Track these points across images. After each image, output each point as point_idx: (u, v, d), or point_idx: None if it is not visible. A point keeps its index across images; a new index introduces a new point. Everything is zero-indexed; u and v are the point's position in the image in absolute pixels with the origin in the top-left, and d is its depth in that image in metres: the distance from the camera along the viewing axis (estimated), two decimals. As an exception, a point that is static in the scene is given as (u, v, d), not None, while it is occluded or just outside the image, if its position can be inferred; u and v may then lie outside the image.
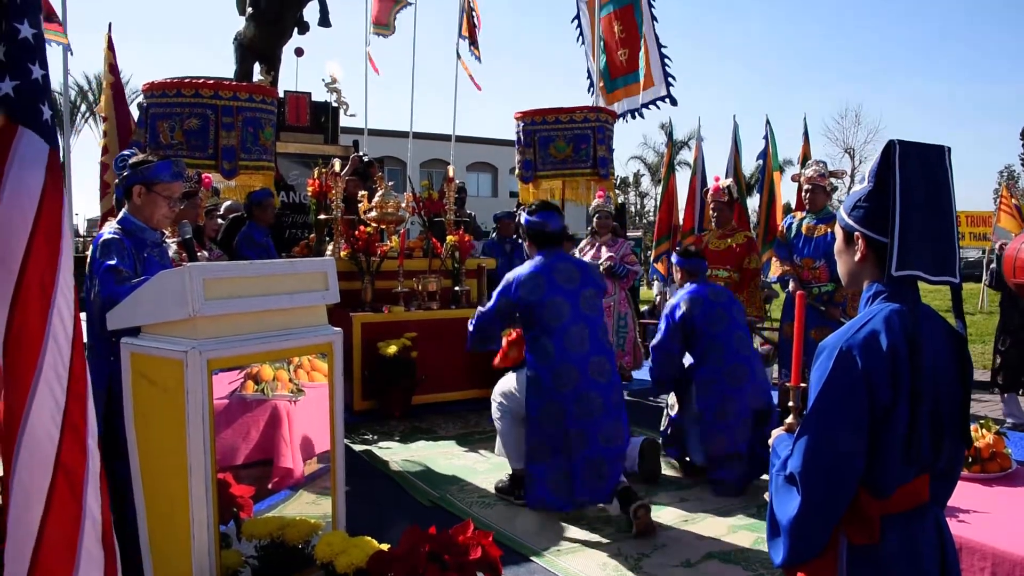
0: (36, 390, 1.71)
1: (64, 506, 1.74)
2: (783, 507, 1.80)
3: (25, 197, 1.71)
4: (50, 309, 1.73)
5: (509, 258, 8.54)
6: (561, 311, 4.16)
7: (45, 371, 1.72)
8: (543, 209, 4.44)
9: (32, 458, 1.70)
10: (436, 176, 8.51)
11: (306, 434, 3.23)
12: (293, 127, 9.39)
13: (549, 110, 8.03)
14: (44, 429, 1.72)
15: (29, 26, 1.75)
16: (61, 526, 1.73)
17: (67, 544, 1.74)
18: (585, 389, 4.09)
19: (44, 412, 1.72)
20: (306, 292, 3.06)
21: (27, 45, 1.74)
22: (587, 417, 4.07)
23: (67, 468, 1.75)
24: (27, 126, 1.74)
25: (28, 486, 1.70)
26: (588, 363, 4.13)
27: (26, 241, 1.70)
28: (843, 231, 1.88)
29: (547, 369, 4.12)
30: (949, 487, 1.89)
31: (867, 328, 1.73)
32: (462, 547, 2.70)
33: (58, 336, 1.75)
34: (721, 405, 4.66)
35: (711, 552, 3.80)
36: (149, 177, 3.38)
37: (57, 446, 1.73)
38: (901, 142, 1.76)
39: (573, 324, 4.16)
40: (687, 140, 32.75)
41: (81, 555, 1.76)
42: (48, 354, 1.73)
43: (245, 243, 6.49)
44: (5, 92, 1.72)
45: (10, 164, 1.71)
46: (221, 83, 6.75)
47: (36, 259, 1.71)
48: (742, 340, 4.82)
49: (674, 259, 5.19)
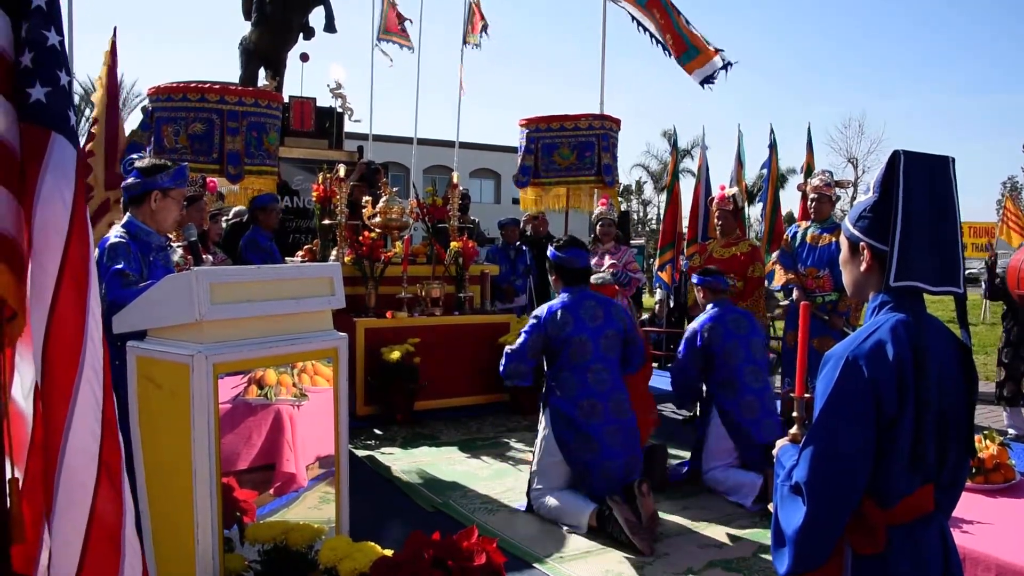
0: (79, 388, 1.75)
1: (109, 498, 1.79)
2: (788, 517, 1.80)
3: (59, 200, 1.75)
4: (86, 308, 1.78)
5: (513, 264, 8.55)
6: (585, 349, 4.28)
7: (85, 370, 1.76)
8: (571, 246, 4.50)
9: (78, 456, 1.75)
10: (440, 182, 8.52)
11: (309, 439, 3.23)
12: (298, 132, 9.42)
13: (554, 117, 8.04)
14: (88, 427, 1.76)
15: (56, 33, 1.78)
16: (106, 517, 1.79)
17: (113, 534, 1.80)
18: (610, 423, 4.21)
19: (87, 409, 1.76)
20: (312, 297, 3.07)
21: (55, 52, 1.77)
22: (614, 447, 4.18)
23: (108, 463, 1.80)
24: (59, 132, 1.77)
25: (75, 483, 1.74)
26: (609, 400, 4.25)
27: (64, 242, 1.74)
28: (848, 241, 1.89)
29: (572, 403, 4.23)
30: (954, 497, 1.89)
31: (873, 338, 1.73)
32: (466, 553, 2.70)
33: (94, 335, 1.79)
34: (736, 436, 4.75)
35: (714, 560, 3.79)
36: (169, 183, 3.41)
37: (99, 442, 1.78)
38: (906, 152, 1.77)
39: (595, 362, 4.28)
40: (691, 148, 32.78)
41: (125, 545, 1.83)
42: (88, 352, 1.77)
43: (249, 247, 6.50)
44: (36, 98, 1.75)
45: (45, 168, 1.74)
46: (227, 88, 6.77)
47: (73, 259, 1.75)
48: (755, 373, 4.87)
49: (695, 279, 5.26)
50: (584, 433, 4.17)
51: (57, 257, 1.73)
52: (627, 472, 4.19)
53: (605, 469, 4.13)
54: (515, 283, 8.62)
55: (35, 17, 1.75)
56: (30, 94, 1.74)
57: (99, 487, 1.77)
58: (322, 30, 10.27)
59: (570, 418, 4.21)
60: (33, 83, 1.75)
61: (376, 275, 6.57)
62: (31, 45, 1.75)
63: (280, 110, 7.17)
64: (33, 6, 1.75)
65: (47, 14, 1.76)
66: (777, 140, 9.36)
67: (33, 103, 1.74)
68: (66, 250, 1.74)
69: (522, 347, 4.40)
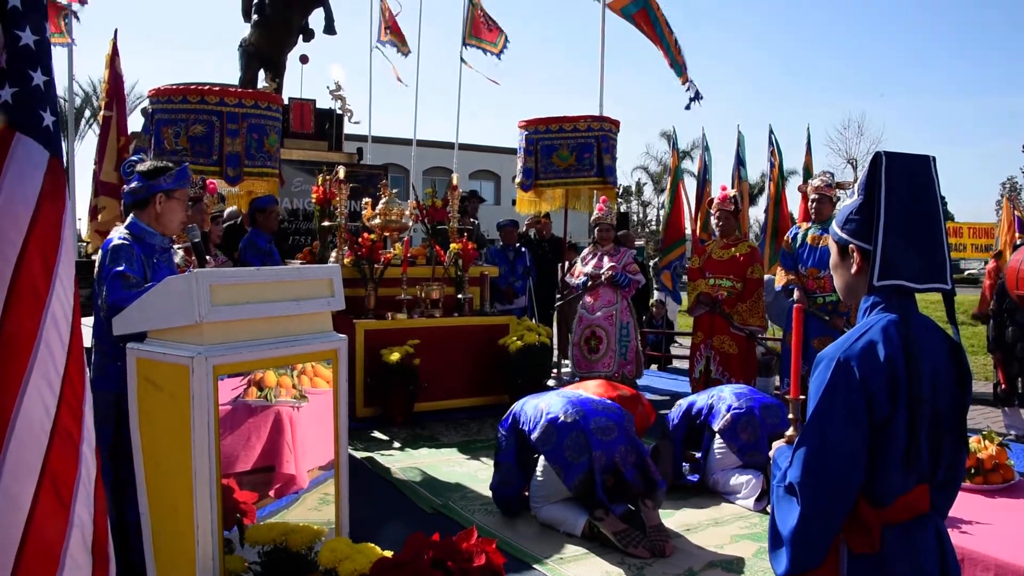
0: (24, 396, 1.70)
1: (49, 512, 1.73)
2: (784, 518, 1.81)
3: (20, 204, 1.71)
4: (42, 316, 1.73)
5: (512, 266, 8.56)
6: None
7: (34, 377, 1.71)
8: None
9: (17, 463, 1.69)
10: (440, 184, 8.52)
11: (309, 440, 3.24)
12: (297, 134, 9.43)
13: (553, 119, 8.05)
14: (31, 434, 1.71)
15: (31, 32, 1.75)
16: (45, 532, 1.73)
17: (50, 550, 1.73)
18: (597, 449, 4.02)
19: (32, 418, 1.71)
20: (312, 299, 3.07)
21: (27, 52, 1.74)
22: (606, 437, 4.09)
23: (55, 474, 1.74)
24: (26, 133, 1.74)
25: (13, 491, 1.69)
26: (591, 425, 4.07)
27: (19, 248, 1.70)
28: (837, 245, 1.90)
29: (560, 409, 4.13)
30: (950, 497, 1.89)
31: (865, 338, 1.74)
32: (466, 554, 2.70)
33: (51, 343, 1.74)
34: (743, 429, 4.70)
35: (713, 561, 3.80)
36: (172, 185, 3.42)
37: (45, 452, 1.72)
38: (888, 153, 1.79)
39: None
40: (690, 150, 32.77)
41: (65, 562, 1.76)
42: (39, 360, 1.72)
43: (249, 249, 6.51)
44: (4, 99, 1.73)
45: (6, 170, 1.71)
46: (226, 89, 6.77)
47: (29, 266, 1.71)
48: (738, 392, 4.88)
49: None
50: (578, 431, 4.03)
51: (12, 261, 1.69)
52: (604, 463, 4.00)
53: (595, 461, 4.00)
54: (514, 285, 8.63)
55: (10, 17, 1.73)
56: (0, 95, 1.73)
57: (39, 498, 1.71)
58: (322, 32, 10.27)
59: (559, 423, 4.05)
60: (2, 84, 1.73)
61: (376, 277, 6.58)
62: (6, 46, 1.73)
63: (280, 112, 7.17)
64: (9, 6, 1.73)
65: (23, 13, 1.74)
66: (778, 141, 9.38)
67: (0, 104, 1.72)
68: (22, 255, 1.70)
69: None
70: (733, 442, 4.62)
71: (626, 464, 4.04)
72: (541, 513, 4.24)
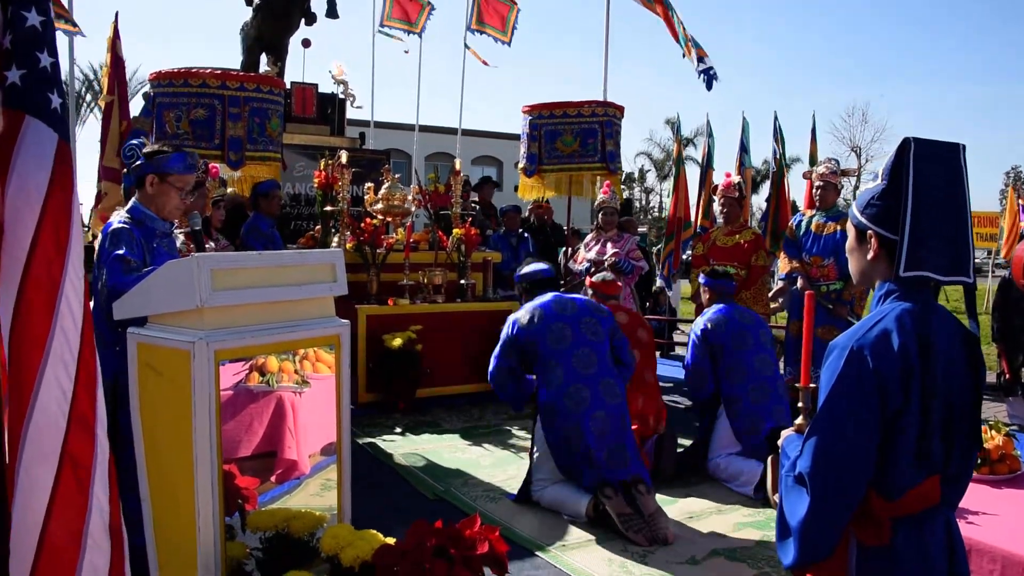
0: (42, 379, 1.70)
1: (70, 496, 1.73)
2: (793, 508, 1.78)
3: (32, 187, 1.70)
4: (57, 298, 1.72)
5: (515, 252, 8.52)
6: (564, 333, 4.28)
7: (52, 360, 1.71)
8: (529, 264, 4.83)
9: (38, 448, 1.70)
10: (442, 169, 8.48)
11: (311, 426, 3.22)
12: (299, 119, 9.36)
13: (556, 104, 7.98)
14: (51, 419, 1.71)
15: (37, 13, 1.73)
16: (66, 515, 1.73)
17: (72, 533, 1.74)
18: (597, 408, 4.14)
19: (51, 401, 1.71)
20: (314, 283, 3.05)
21: (34, 33, 1.72)
22: (600, 435, 4.10)
23: (74, 458, 1.74)
24: (35, 115, 1.73)
25: (34, 476, 1.69)
26: (599, 383, 4.20)
27: (33, 230, 1.69)
28: (855, 229, 1.85)
29: (558, 393, 4.17)
30: (960, 490, 1.87)
31: (878, 327, 1.71)
32: (469, 541, 2.69)
33: (66, 325, 1.74)
34: (748, 423, 4.71)
35: (717, 549, 3.79)
36: (163, 168, 3.38)
37: (64, 436, 1.73)
38: (916, 140, 1.73)
39: (578, 347, 4.25)
40: (693, 137, 32.67)
41: (87, 543, 1.76)
42: (55, 343, 1.72)
43: (251, 233, 6.48)
44: (12, 81, 1.71)
45: (17, 154, 1.69)
46: (228, 73, 6.72)
47: (43, 249, 1.70)
48: (763, 362, 4.85)
49: (701, 279, 5.29)
50: (571, 425, 4.10)
51: (26, 245, 1.68)
52: (609, 460, 4.06)
53: (589, 459, 4.07)
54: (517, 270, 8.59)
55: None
56: (7, 77, 1.70)
57: (59, 482, 1.71)
58: (324, 16, 10.20)
59: (556, 410, 4.15)
60: (9, 66, 1.71)
61: (378, 262, 6.56)
62: (11, 27, 1.70)
63: (282, 96, 7.12)
64: None
65: None
66: (782, 128, 9.32)
67: (8, 86, 1.70)
68: (36, 238, 1.69)
69: (497, 360, 4.45)
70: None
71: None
72: (544, 496, 4.25)
